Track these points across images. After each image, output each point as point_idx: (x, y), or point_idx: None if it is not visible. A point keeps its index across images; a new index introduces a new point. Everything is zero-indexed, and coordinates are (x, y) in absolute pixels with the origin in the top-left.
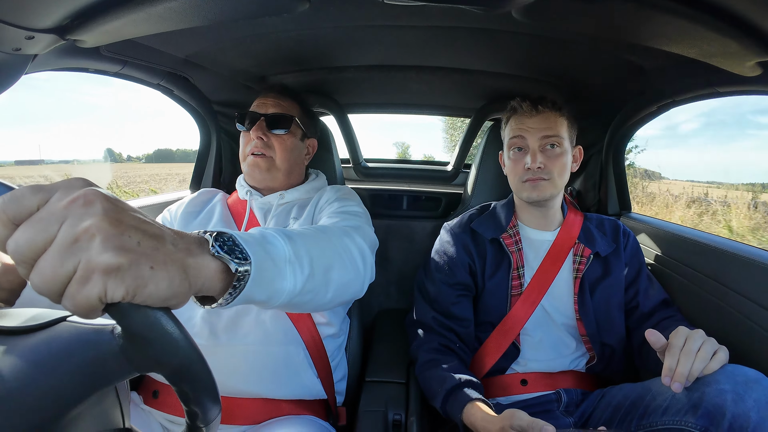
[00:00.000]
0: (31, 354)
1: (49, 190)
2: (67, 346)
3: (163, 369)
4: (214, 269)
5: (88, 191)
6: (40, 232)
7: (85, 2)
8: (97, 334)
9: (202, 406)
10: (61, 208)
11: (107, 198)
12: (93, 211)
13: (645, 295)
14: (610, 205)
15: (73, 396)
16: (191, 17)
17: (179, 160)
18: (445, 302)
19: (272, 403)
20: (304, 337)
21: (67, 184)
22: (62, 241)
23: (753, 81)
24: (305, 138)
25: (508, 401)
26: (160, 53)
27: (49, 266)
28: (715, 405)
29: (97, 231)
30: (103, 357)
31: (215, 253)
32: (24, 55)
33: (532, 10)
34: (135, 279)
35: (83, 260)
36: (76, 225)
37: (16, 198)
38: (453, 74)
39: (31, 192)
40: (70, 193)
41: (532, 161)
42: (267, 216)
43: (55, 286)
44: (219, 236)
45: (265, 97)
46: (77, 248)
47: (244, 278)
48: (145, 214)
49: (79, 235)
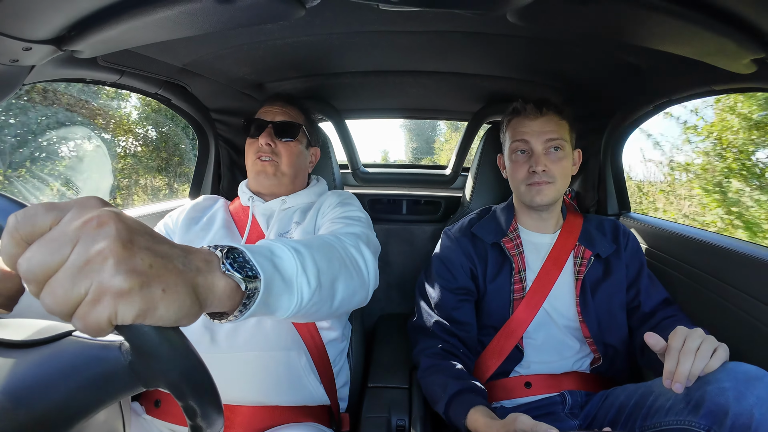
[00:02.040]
0: (38, 368)
1: (62, 209)
2: (74, 361)
3: (171, 385)
4: (224, 287)
5: (102, 212)
6: (53, 253)
7: (82, 13)
8: (105, 350)
9: (207, 420)
10: (75, 229)
11: (120, 219)
12: (106, 233)
13: (646, 295)
14: (609, 206)
15: (80, 410)
16: (188, 26)
17: None
18: (446, 307)
19: (274, 410)
20: (307, 342)
21: (80, 203)
22: (75, 263)
23: (748, 78)
24: (310, 146)
25: (513, 404)
26: (157, 62)
27: (61, 287)
28: (717, 404)
29: (110, 254)
30: (111, 372)
31: (225, 271)
32: (21, 66)
33: (526, 13)
34: (146, 302)
35: (95, 283)
36: (89, 247)
37: (29, 216)
38: (450, 78)
39: (44, 211)
40: (84, 213)
41: (537, 165)
42: (269, 222)
43: (67, 307)
44: (229, 253)
45: (272, 105)
46: (89, 270)
47: (254, 296)
48: (157, 233)
49: (92, 258)
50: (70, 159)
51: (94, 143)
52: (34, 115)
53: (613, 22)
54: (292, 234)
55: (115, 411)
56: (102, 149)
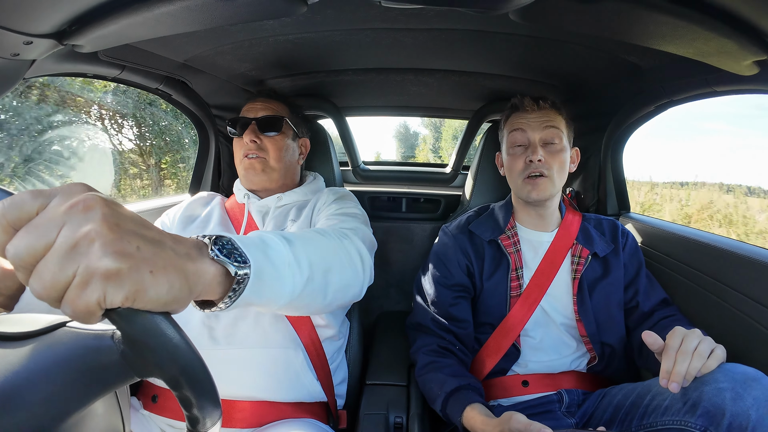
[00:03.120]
0: (31, 360)
1: (48, 195)
2: (66, 352)
3: (164, 374)
4: (214, 273)
5: (88, 196)
6: (39, 238)
7: (82, 7)
8: (98, 340)
9: (203, 410)
10: (61, 213)
11: (106, 203)
12: (92, 216)
13: (644, 295)
14: (609, 206)
15: (74, 401)
16: (189, 21)
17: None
18: (443, 304)
19: (272, 405)
20: (304, 339)
21: (66, 189)
22: (61, 246)
23: (750, 80)
24: (297, 138)
25: (510, 402)
26: (158, 57)
27: (49, 271)
28: (714, 404)
29: (97, 236)
30: (104, 362)
31: (214, 257)
32: (22, 60)
33: (528, 12)
34: (134, 284)
35: (82, 265)
36: (75, 230)
37: (15, 203)
38: (451, 76)
39: (30, 197)
40: (70, 198)
41: (534, 154)
42: (265, 218)
43: (55, 291)
44: (218, 240)
45: (254, 102)
46: (76, 253)
47: (243, 281)
48: (145, 219)
49: (79, 240)
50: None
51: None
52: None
53: (615, 22)
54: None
55: (113, 405)
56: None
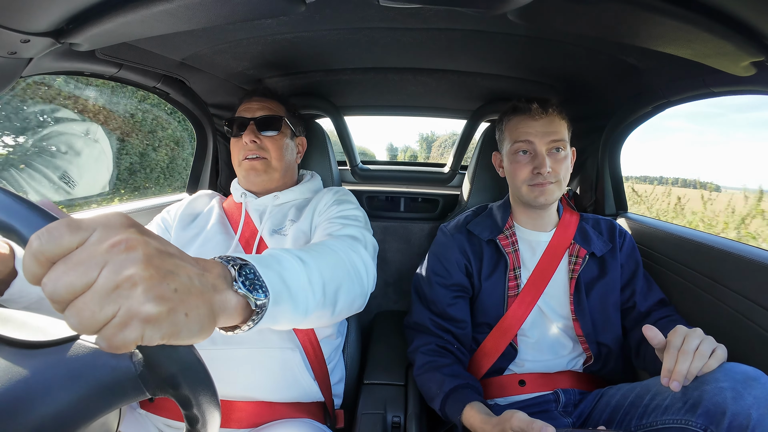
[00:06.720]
0: (46, 371)
1: (87, 228)
2: (83, 368)
3: (179, 395)
4: (236, 304)
5: (131, 237)
6: (80, 276)
7: (80, 6)
8: (116, 359)
9: (206, 426)
10: (103, 252)
11: (148, 243)
12: (135, 257)
13: (642, 295)
14: (606, 206)
15: (83, 416)
16: (187, 20)
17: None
18: (441, 303)
19: (269, 406)
20: (301, 339)
21: (105, 222)
22: (103, 286)
23: (747, 81)
24: (294, 137)
25: (507, 402)
26: (156, 56)
27: (89, 309)
28: (715, 403)
29: (140, 280)
30: (120, 381)
31: (237, 290)
32: (19, 58)
33: (527, 12)
34: (171, 326)
35: (124, 308)
36: (118, 272)
37: (53, 237)
38: (449, 76)
39: (68, 231)
40: (111, 234)
41: (543, 167)
42: (262, 217)
43: (92, 328)
44: (241, 270)
45: (250, 101)
46: (118, 295)
47: (261, 311)
48: (176, 248)
49: (121, 283)
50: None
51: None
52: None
53: (612, 23)
54: (286, 231)
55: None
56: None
